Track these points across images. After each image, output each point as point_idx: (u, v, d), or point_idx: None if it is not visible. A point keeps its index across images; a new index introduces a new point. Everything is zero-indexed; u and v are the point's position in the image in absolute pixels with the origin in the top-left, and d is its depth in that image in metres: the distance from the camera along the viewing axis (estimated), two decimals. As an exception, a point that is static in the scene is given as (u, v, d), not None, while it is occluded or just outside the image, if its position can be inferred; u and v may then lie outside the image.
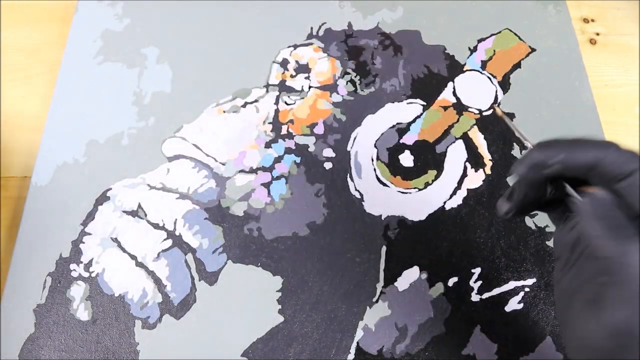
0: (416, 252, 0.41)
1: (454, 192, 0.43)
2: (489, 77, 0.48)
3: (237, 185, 0.43)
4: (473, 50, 0.49)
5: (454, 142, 0.45)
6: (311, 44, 0.49)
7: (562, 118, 0.46)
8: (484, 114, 0.46)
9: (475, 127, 0.45)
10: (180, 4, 0.51)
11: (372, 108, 0.46)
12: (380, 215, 0.42)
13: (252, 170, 0.44)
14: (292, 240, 0.41)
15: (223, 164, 0.44)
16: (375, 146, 0.45)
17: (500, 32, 0.50)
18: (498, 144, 0.45)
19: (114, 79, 0.47)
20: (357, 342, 0.38)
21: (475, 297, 0.39)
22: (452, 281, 0.40)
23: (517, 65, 0.49)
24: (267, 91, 0.47)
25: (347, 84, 0.47)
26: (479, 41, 0.50)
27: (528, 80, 0.48)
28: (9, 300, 0.39)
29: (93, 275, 0.39)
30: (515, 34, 0.50)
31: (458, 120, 0.46)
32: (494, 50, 0.49)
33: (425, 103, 0.47)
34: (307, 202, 0.42)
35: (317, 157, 0.44)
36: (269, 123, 0.46)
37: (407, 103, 0.47)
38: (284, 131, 0.45)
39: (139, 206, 0.42)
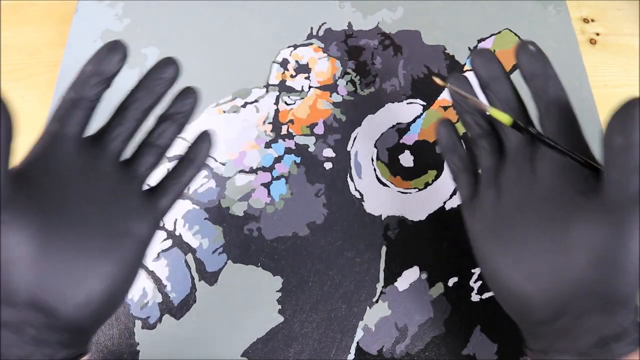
0: (416, 252, 0.41)
1: (454, 192, 0.43)
2: (489, 77, 0.48)
3: (237, 185, 0.43)
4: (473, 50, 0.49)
5: (454, 142, 0.45)
6: (311, 44, 0.49)
7: (562, 118, 0.46)
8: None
9: (475, 127, 0.45)
10: (180, 4, 0.51)
11: (372, 108, 0.46)
12: (380, 215, 0.42)
13: (252, 170, 0.44)
14: (292, 240, 0.41)
15: (223, 164, 0.44)
16: (375, 146, 0.45)
17: (500, 32, 0.50)
18: (498, 144, 0.45)
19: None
20: (357, 342, 0.38)
21: (475, 297, 0.39)
22: (452, 281, 0.40)
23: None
24: (267, 91, 0.47)
25: (347, 84, 0.47)
26: (479, 41, 0.50)
27: (528, 80, 0.48)
28: (9, 300, 0.39)
29: (93, 275, 0.39)
30: (515, 34, 0.50)
31: (458, 120, 0.46)
32: (494, 50, 0.49)
33: (425, 103, 0.47)
34: (307, 202, 0.42)
35: (317, 157, 0.44)
36: (269, 123, 0.46)
37: (407, 103, 0.47)
38: (284, 131, 0.45)
39: (139, 206, 0.42)
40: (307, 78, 0.48)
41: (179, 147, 0.44)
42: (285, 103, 0.46)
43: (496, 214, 0.28)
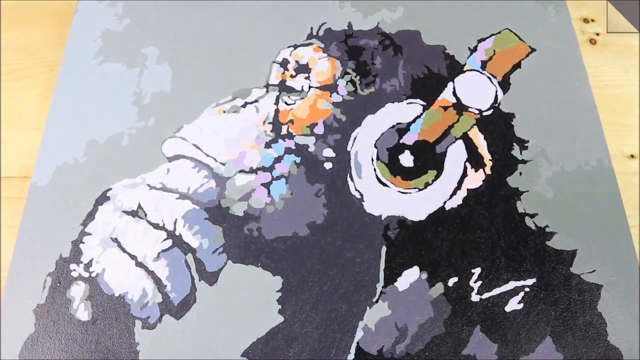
0: (416, 252, 0.41)
1: (454, 192, 0.43)
2: (489, 77, 0.48)
3: (237, 185, 0.43)
4: (473, 50, 0.49)
5: (454, 142, 0.45)
6: (311, 44, 0.49)
7: (562, 118, 0.46)
8: (484, 114, 0.46)
9: (475, 127, 0.45)
10: (180, 4, 0.51)
11: (372, 108, 0.46)
12: (380, 215, 0.42)
13: (252, 170, 0.44)
14: (292, 240, 0.41)
15: (223, 164, 0.44)
16: (375, 146, 0.45)
17: (500, 32, 0.50)
18: (498, 143, 0.45)
19: (114, 79, 0.47)
20: (357, 342, 0.38)
21: (475, 297, 0.39)
22: (452, 281, 0.40)
23: (517, 65, 0.49)
24: (267, 91, 0.47)
25: (347, 84, 0.47)
26: (479, 41, 0.50)
27: (528, 80, 0.48)
28: (9, 300, 0.39)
29: (93, 275, 0.39)
30: (515, 34, 0.50)
31: (458, 120, 0.46)
32: (494, 51, 0.49)
33: (425, 103, 0.47)
34: (307, 202, 0.42)
35: (317, 157, 0.44)
36: (269, 123, 0.46)
37: (407, 103, 0.47)
38: (284, 131, 0.45)
39: (139, 206, 0.42)
40: (307, 78, 0.48)
41: (179, 146, 0.44)
42: (285, 103, 0.46)
43: None
